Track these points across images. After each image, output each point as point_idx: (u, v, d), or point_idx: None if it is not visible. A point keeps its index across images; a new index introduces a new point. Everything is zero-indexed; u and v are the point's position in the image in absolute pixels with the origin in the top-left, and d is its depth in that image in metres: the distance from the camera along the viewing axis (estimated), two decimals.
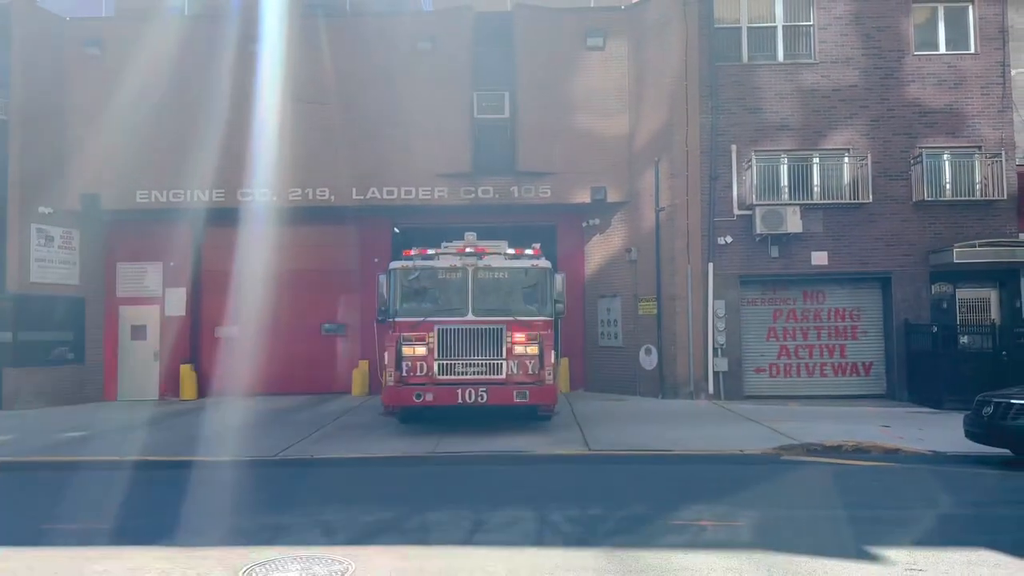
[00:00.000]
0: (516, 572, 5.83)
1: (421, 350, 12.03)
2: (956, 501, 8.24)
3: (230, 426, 13.76)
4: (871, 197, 16.81)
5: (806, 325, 17.28)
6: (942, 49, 17.49)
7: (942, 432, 12.08)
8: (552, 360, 12.13)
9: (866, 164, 16.84)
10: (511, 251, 13.00)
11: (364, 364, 18.05)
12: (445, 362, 12.03)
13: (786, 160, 17.15)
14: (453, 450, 11.18)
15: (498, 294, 12.67)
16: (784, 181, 17.11)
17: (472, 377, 12.01)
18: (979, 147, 17.08)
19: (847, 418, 13.77)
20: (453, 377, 12.01)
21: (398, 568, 5.94)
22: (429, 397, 11.76)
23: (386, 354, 12.07)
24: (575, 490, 8.64)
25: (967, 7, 17.49)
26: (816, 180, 17.10)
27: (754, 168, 17.00)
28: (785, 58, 17.42)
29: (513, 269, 12.77)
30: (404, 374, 11.95)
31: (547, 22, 17.83)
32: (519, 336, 12.19)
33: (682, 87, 17.10)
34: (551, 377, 12.11)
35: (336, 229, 18.43)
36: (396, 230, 18.88)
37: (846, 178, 17.05)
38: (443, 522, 7.31)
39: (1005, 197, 16.84)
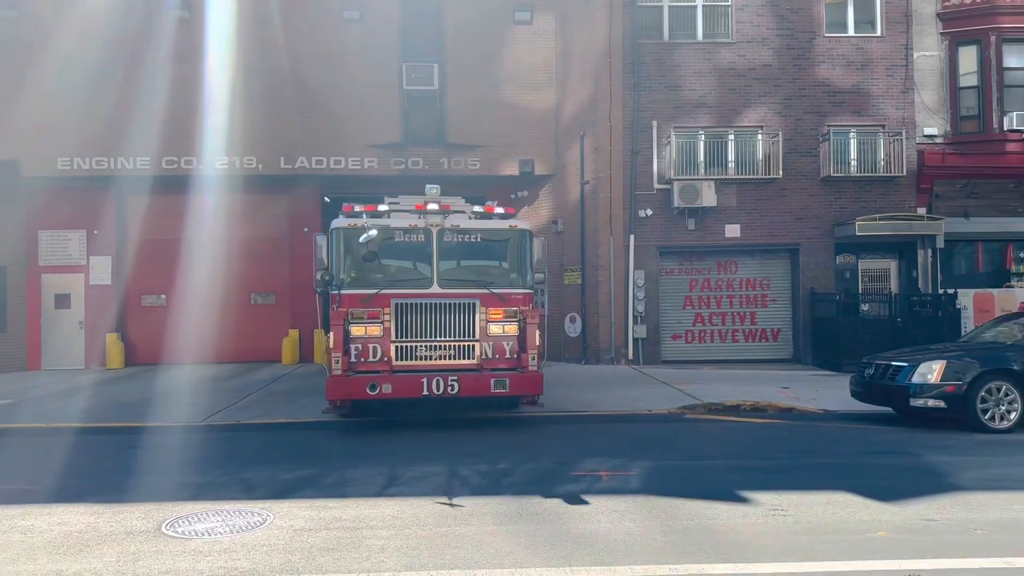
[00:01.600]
0: (422, 518, 6.37)
1: (374, 330, 10.02)
2: (831, 452, 9.12)
3: (157, 393, 13.93)
4: (782, 173, 17.73)
5: (719, 294, 18.22)
6: (851, 31, 18.41)
7: (836, 393, 13.06)
8: (536, 341, 10.21)
9: (778, 141, 17.72)
10: (479, 208, 10.86)
11: (294, 333, 18.31)
12: (404, 344, 10.07)
13: (703, 136, 17.91)
14: (378, 415, 11.64)
15: (469, 261, 10.61)
16: (701, 157, 17.88)
17: (438, 363, 10.10)
18: (883, 126, 18.12)
19: (752, 380, 14.72)
20: (415, 363, 10.07)
21: (314, 518, 6.41)
22: (386, 388, 9.78)
23: (331, 335, 9.91)
24: (489, 448, 9.21)
25: None
26: (731, 156, 17.92)
27: (673, 144, 17.71)
28: (704, 37, 18.11)
29: (487, 230, 10.61)
30: (353, 360, 9.95)
31: None
32: (495, 313, 10.26)
33: (606, 63, 17.65)
34: (535, 362, 10.19)
35: (265, 198, 18.51)
36: (326, 199, 19.05)
37: (759, 154, 17.92)
38: (360, 478, 7.80)
39: (905, 173, 17.95)
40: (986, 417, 10.19)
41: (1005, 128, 17.75)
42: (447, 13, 18.06)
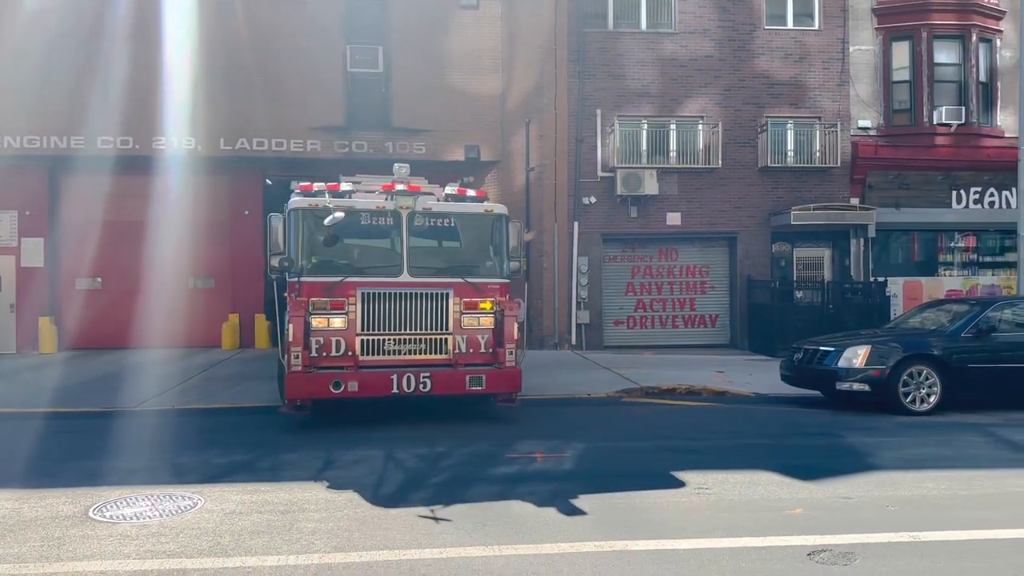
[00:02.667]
0: (356, 500, 6.42)
1: (338, 322, 9.18)
2: (759, 434, 9.44)
3: (90, 378, 13.64)
4: (721, 162, 18.10)
5: (660, 280, 18.56)
6: (790, 24, 18.82)
7: (768, 377, 13.45)
8: (515, 335, 9.66)
9: (718, 131, 18.07)
10: (451, 189, 10.12)
11: (234, 318, 18.04)
12: (371, 338, 9.26)
13: (646, 126, 18.16)
14: (343, 413, 11.56)
15: (441, 247, 9.95)
16: (644, 146, 18.13)
17: (408, 358, 9.36)
18: (819, 118, 18.61)
19: (689, 365, 15.07)
20: (383, 358, 9.30)
21: (246, 501, 6.41)
22: (352, 386, 8.99)
23: (290, 327, 8.97)
24: (428, 432, 9.27)
25: None
26: (673, 145, 18.20)
27: (617, 132, 17.92)
28: (648, 27, 18.33)
29: (461, 215, 9.84)
30: (314, 355, 9.10)
31: None
32: (470, 304, 9.58)
33: (551, 51, 17.75)
34: (513, 357, 9.60)
35: (204, 180, 18.11)
36: (268, 182, 18.77)
37: (700, 144, 18.24)
38: (296, 462, 7.80)
39: (839, 165, 18.48)
40: (907, 400, 10.63)
41: (935, 122, 18.40)
42: None
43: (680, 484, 6.97)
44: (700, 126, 18.24)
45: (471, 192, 10.16)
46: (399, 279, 9.36)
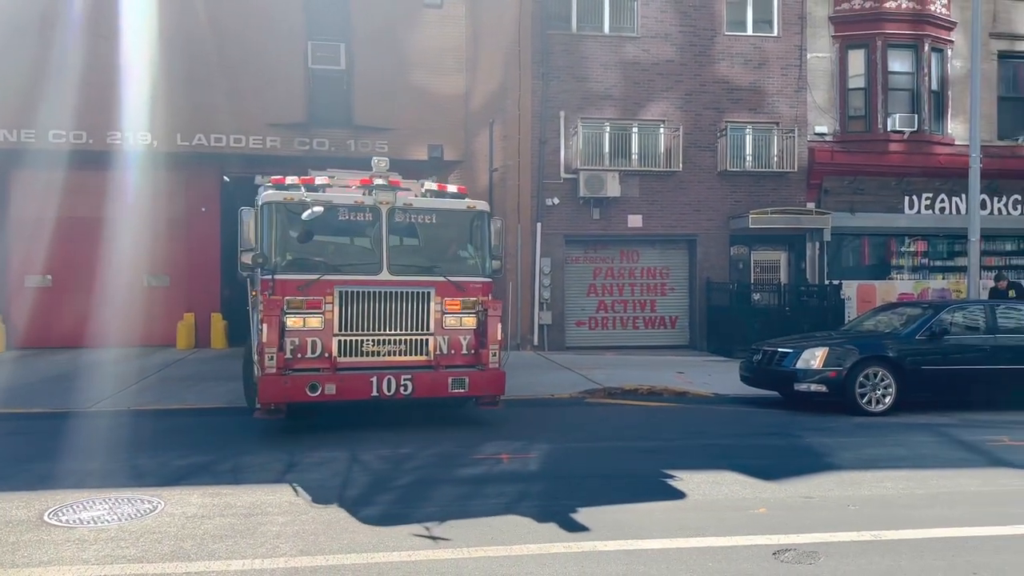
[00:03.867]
0: (321, 504, 6.33)
1: (314, 322, 8.79)
2: (720, 434, 9.56)
3: (42, 378, 13.25)
4: (682, 166, 18.30)
5: (622, 282, 18.70)
6: (750, 31, 19.10)
7: (727, 377, 13.63)
8: (499, 335, 9.37)
9: (679, 135, 18.28)
10: (431, 185, 9.83)
11: (190, 317, 17.68)
12: (349, 338, 8.89)
13: (609, 128, 18.27)
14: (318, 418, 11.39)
15: (421, 245, 9.57)
16: (606, 148, 18.24)
17: (388, 359, 9.02)
18: (777, 123, 18.93)
19: (650, 366, 15.21)
20: (361, 359, 8.93)
21: (207, 504, 6.28)
22: (330, 389, 8.58)
23: (263, 327, 8.50)
24: (392, 434, 9.19)
25: None
26: (635, 148, 18.35)
27: (580, 134, 18.01)
28: (611, 30, 18.44)
29: (442, 211, 9.49)
30: (289, 356, 8.69)
31: None
32: (452, 303, 9.27)
33: (515, 52, 17.77)
34: (496, 358, 9.35)
35: (160, 176, 17.69)
36: (226, 179, 18.45)
37: (661, 147, 18.42)
38: (258, 464, 7.67)
39: (796, 169, 18.83)
40: (863, 401, 10.86)
41: (889, 129, 18.84)
42: None
43: (646, 484, 7.02)
44: (661, 129, 18.42)
45: (451, 188, 9.91)
46: (379, 277, 8.99)
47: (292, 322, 8.72)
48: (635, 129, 18.38)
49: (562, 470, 7.57)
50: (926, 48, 19.12)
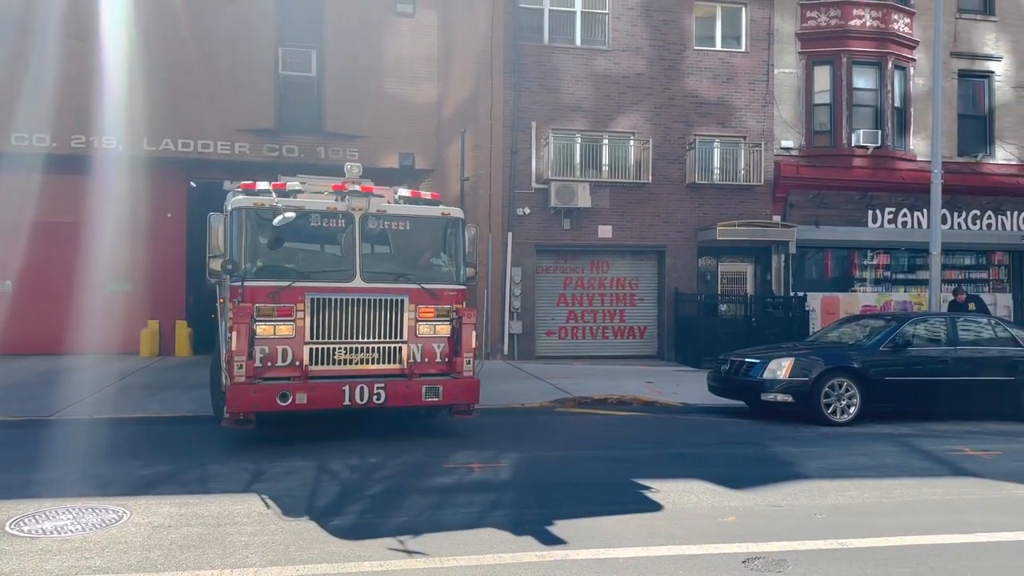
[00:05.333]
0: (289, 514, 6.26)
1: (285, 329, 8.59)
2: (688, 443, 9.63)
3: (1, 386, 12.93)
4: (651, 178, 18.49)
5: (592, 292, 18.81)
6: (718, 46, 19.41)
7: (695, 387, 13.75)
8: (473, 343, 9.28)
9: (648, 147, 18.47)
10: (404, 191, 9.76)
11: (153, 324, 17.39)
12: (321, 346, 8.71)
13: (580, 139, 18.42)
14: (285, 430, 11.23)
15: (395, 252, 9.43)
16: (577, 159, 18.38)
17: (360, 368, 8.87)
18: (744, 137, 19.22)
19: (619, 375, 15.30)
20: (333, 368, 8.76)
21: (174, 514, 6.17)
22: (301, 398, 8.39)
23: (233, 335, 8.25)
24: (360, 443, 9.12)
25: (741, 8, 19.48)
26: (605, 160, 18.51)
27: (551, 145, 18.12)
28: (582, 43, 18.61)
29: (417, 218, 9.37)
30: (259, 365, 8.44)
31: None
32: (426, 311, 9.15)
33: (488, 62, 17.83)
34: (471, 366, 9.25)
35: (125, 180, 17.38)
36: (193, 184, 18.23)
37: (631, 159, 18.61)
38: (225, 473, 7.56)
39: (763, 183, 19.12)
40: (828, 411, 11.02)
41: (853, 144, 19.24)
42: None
43: (617, 493, 7.05)
44: (632, 142, 18.60)
45: (425, 195, 9.78)
46: (351, 284, 8.83)
47: (262, 330, 8.50)
48: (606, 141, 18.54)
49: (534, 479, 7.58)
50: (889, 66, 19.56)
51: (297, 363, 8.61)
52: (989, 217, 20.73)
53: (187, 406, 11.40)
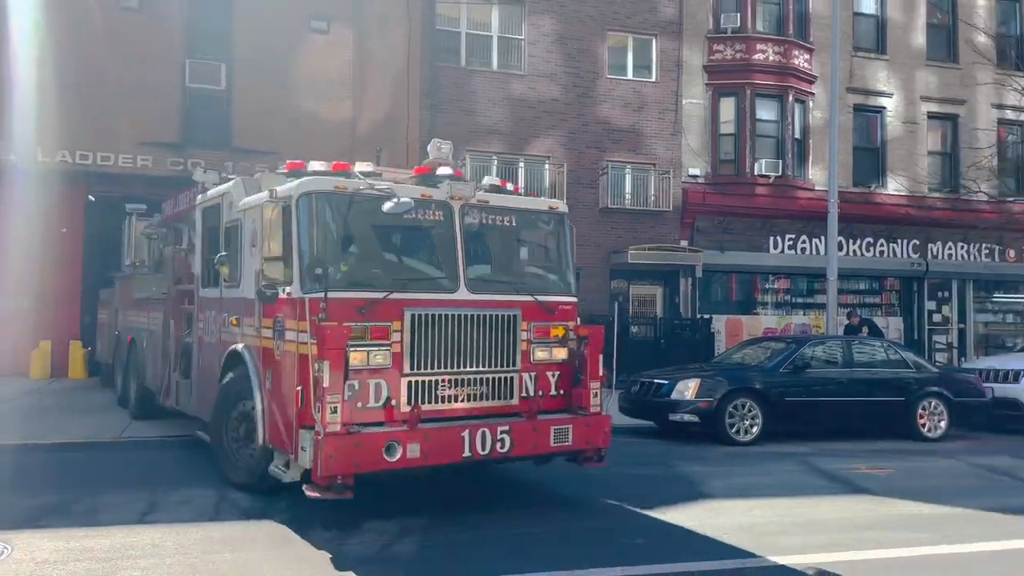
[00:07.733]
0: (186, 546, 5.98)
1: (380, 357, 6.49)
2: None
3: None
4: (566, 201, 18.67)
5: None
6: (630, 75, 19.93)
7: (607, 408, 13.88)
8: (600, 370, 7.40)
9: (563, 172, 18.77)
10: (493, 180, 7.69)
11: (45, 345, 16.43)
12: (422, 378, 6.67)
13: (496, 162, 18.54)
14: (142, 435, 10.75)
15: (499, 255, 7.66)
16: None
17: (470, 406, 6.86)
18: (654, 164, 19.74)
19: None
20: (442, 407, 6.74)
21: (61, 548, 5.80)
22: (413, 451, 6.23)
23: (324, 364, 5.99)
24: None
25: (651, 40, 20.08)
26: (521, 182, 18.64)
27: (468, 166, 18.13)
28: (499, 67, 18.81)
29: (522, 211, 7.53)
30: (357, 407, 6.35)
31: None
32: (541, 329, 7.26)
33: (404, 82, 17.80)
34: (598, 400, 7.36)
35: (17, 193, 16.50)
36: (91, 198, 17.41)
37: (546, 182, 18.83)
38: (117, 504, 7.15)
39: (672, 209, 19.66)
40: (733, 431, 11.33)
41: (756, 173, 20.03)
42: (236, 12, 17.29)
43: (522, 515, 7.03)
44: (547, 165, 18.85)
45: (509, 186, 7.79)
46: (455, 296, 6.83)
47: (355, 357, 6.31)
48: (521, 164, 18.73)
49: (431, 502, 7.46)
50: (790, 99, 20.50)
51: (393, 403, 6.53)
52: (882, 244, 21.88)
53: (78, 432, 10.77)
